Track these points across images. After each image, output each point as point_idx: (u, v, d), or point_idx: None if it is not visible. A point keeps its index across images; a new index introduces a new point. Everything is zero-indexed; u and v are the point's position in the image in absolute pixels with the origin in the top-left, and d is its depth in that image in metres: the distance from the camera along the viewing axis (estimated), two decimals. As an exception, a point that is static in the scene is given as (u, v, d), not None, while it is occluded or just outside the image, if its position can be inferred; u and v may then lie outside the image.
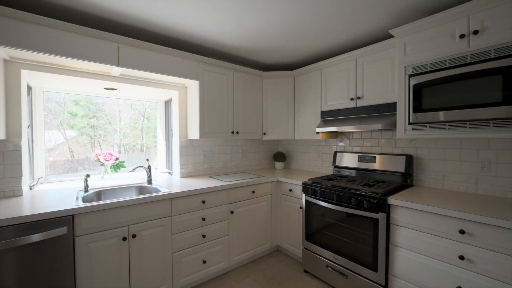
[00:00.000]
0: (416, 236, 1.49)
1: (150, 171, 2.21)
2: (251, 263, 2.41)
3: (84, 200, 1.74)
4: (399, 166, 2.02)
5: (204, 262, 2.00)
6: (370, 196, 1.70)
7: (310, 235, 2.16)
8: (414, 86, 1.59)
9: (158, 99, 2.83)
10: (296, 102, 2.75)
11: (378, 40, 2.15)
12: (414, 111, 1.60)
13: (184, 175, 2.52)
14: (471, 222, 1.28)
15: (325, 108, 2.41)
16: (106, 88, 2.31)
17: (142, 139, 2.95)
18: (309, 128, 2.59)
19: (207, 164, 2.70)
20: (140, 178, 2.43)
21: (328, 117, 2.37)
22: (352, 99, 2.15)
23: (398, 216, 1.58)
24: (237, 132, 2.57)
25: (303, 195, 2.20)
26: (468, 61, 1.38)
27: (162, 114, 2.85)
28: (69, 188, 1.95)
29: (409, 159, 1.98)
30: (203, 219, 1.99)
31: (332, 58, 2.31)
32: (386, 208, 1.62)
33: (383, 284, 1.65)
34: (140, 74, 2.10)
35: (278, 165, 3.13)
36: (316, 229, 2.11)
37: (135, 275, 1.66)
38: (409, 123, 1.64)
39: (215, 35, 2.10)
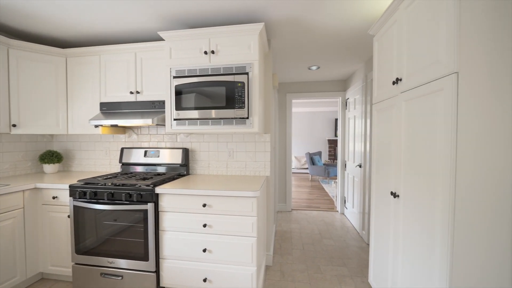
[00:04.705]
0: (177, 217, 1.72)
1: None
2: (-21, 315, 1.63)
3: None
4: (178, 158, 2.26)
5: None
6: (139, 189, 1.73)
7: (81, 247, 1.84)
8: (176, 87, 1.83)
9: None
10: (70, 88, 2.25)
11: (158, 39, 2.26)
12: (177, 109, 1.83)
13: None
14: (209, 196, 1.67)
15: (105, 100, 2.17)
16: None
17: None
18: (87, 121, 2.22)
19: None
20: None
21: (108, 109, 2.15)
22: (132, 92, 2.10)
23: (164, 203, 1.73)
24: None
25: (71, 200, 1.83)
26: (210, 73, 1.80)
27: None
28: None
29: (186, 152, 2.28)
30: None
31: (113, 45, 2.12)
32: (154, 198, 1.72)
33: (154, 270, 1.74)
34: None
35: (49, 168, 2.41)
36: (88, 237, 1.83)
37: None
38: (174, 119, 1.86)
39: None
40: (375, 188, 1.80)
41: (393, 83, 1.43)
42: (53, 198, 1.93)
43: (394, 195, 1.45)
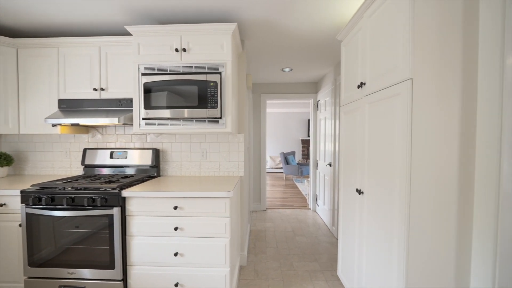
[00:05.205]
0: (146, 221, 1.64)
1: None
2: None
3: None
4: (148, 159, 2.16)
5: None
6: (104, 192, 1.62)
7: (36, 258, 1.67)
8: (145, 84, 1.75)
9: None
10: (22, 82, 2.02)
11: (126, 34, 2.14)
12: (145, 108, 1.75)
13: None
14: (181, 198, 1.63)
15: (64, 96, 1.99)
16: None
17: None
18: (43, 119, 2.02)
19: None
20: None
21: (68, 107, 1.98)
22: (95, 89, 1.95)
23: (132, 206, 1.65)
24: None
25: (23, 207, 1.65)
26: (181, 71, 1.76)
27: None
28: None
29: (156, 152, 2.19)
30: None
31: (73, 38, 1.96)
32: (120, 202, 1.62)
33: (121, 278, 1.65)
34: None
35: (-5, 171, 2.15)
36: (44, 248, 1.67)
37: None
38: (143, 119, 1.77)
39: None
40: (342, 185, 1.90)
41: (358, 86, 1.53)
42: (0, 205, 1.72)
43: (359, 192, 1.55)
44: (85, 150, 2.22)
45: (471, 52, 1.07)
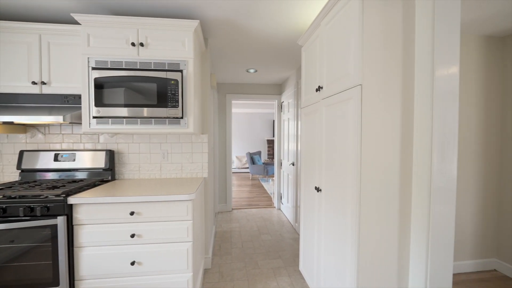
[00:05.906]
0: (98, 229, 1.50)
1: None
2: None
3: None
4: (101, 162, 1.98)
5: None
6: (45, 200, 1.43)
7: (-48, 281, 1.40)
8: (96, 80, 1.60)
9: None
10: None
11: (73, 22, 1.93)
12: (97, 105, 1.60)
13: None
14: (138, 203, 1.52)
15: (-7, 90, 1.71)
16: None
17: None
18: (-36, 116, 1.70)
19: None
20: None
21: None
22: (35, 83, 1.72)
23: (81, 214, 1.49)
24: None
25: None
26: (138, 67, 1.65)
27: None
28: None
29: (111, 154, 2.01)
30: None
31: (5, 22, 1.69)
32: (66, 210, 1.45)
33: (67, 294, 1.48)
34: None
35: None
36: (-35, 268, 1.41)
37: None
38: (93, 117, 1.62)
39: None
40: (303, 183, 2.00)
41: (316, 90, 1.62)
42: None
43: (318, 189, 1.64)
44: (21, 152, 1.94)
45: (409, 64, 1.22)
